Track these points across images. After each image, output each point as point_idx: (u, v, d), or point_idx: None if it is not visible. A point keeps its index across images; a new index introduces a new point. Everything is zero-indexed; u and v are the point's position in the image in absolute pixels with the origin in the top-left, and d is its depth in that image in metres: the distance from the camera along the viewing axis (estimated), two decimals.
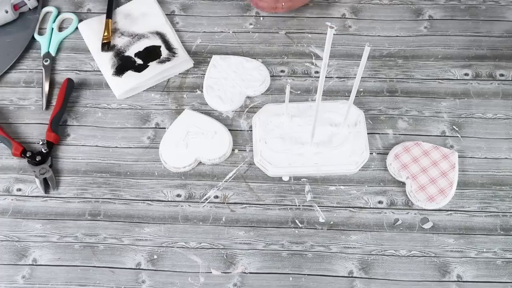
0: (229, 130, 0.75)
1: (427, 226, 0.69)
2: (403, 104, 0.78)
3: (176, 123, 0.75)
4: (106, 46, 0.81)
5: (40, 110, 0.79)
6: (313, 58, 0.82)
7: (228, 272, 0.67)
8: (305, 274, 0.67)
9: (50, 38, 0.84)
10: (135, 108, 0.78)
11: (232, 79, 0.79)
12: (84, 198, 0.72)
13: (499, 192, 0.71)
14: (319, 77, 0.62)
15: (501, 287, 0.66)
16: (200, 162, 0.74)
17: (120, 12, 0.86)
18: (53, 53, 0.83)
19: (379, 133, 0.76)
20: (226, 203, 0.72)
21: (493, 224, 0.69)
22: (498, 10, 0.85)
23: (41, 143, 0.74)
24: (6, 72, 0.82)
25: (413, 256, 0.68)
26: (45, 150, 0.74)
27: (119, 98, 0.79)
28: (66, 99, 0.78)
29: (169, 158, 0.73)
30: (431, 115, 0.77)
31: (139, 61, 0.80)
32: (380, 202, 0.71)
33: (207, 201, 0.72)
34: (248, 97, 0.79)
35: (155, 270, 0.68)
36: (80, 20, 0.85)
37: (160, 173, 0.73)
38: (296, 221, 0.70)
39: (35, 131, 0.77)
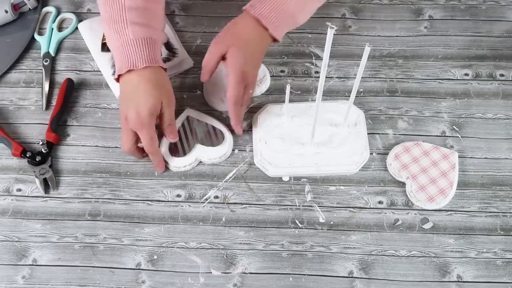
0: (229, 130, 0.75)
1: (427, 226, 0.69)
2: (403, 104, 0.78)
3: (176, 122, 0.75)
4: (106, 46, 0.81)
5: (40, 110, 0.79)
6: (313, 58, 0.82)
7: (228, 272, 0.67)
8: (305, 275, 0.67)
9: (50, 38, 0.84)
10: None
11: None
12: (84, 198, 0.72)
13: (499, 192, 0.71)
14: (319, 77, 0.62)
15: None
16: (201, 161, 0.74)
17: None
18: (53, 53, 0.82)
19: (379, 133, 0.76)
20: (226, 203, 0.71)
21: (493, 224, 0.69)
22: (498, 10, 0.85)
23: (41, 143, 0.74)
24: (6, 72, 0.81)
25: (413, 256, 0.68)
26: (45, 150, 0.74)
27: (119, 98, 0.79)
28: (66, 99, 0.77)
29: (170, 157, 0.73)
30: (431, 115, 0.77)
31: None
32: (380, 202, 0.71)
33: (207, 201, 0.72)
34: None
35: (155, 270, 0.68)
36: (80, 20, 0.85)
37: (160, 173, 0.73)
38: (296, 221, 0.70)
39: (35, 131, 0.77)
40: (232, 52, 0.67)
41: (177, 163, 0.73)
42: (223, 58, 0.69)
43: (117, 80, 0.68)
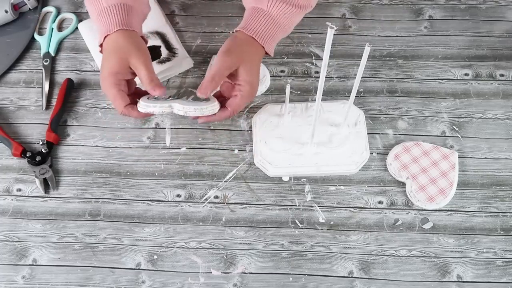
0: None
1: (427, 226, 0.69)
2: (403, 104, 0.78)
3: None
4: None
5: (40, 110, 0.79)
6: (313, 58, 0.82)
7: (228, 272, 0.67)
8: (305, 274, 0.67)
9: (50, 38, 0.84)
10: None
11: None
12: (84, 198, 0.72)
13: (499, 192, 0.71)
14: (319, 77, 0.62)
15: None
16: (173, 111, 0.65)
17: None
18: (52, 53, 0.82)
19: (379, 133, 0.76)
20: (226, 203, 0.71)
21: (493, 224, 0.69)
22: (498, 10, 0.85)
23: (41, 143, 0.74)
24: (6, 72, 0.81)
25: (413, 256, 0.68)
26: (45, 150, 0.74)
27: None
28: (66, 99, 0.77)
29: (144, 98, 0.67)
30: (431, 115, 0.77)
31: None
32: (380, 202, 0.71)
33: (207, 201, 0.72)
34: None
35: (155, 270, 0.68)
36: (80, 20, 0.85)
37: (160, 173, 0.73)
38: (296, 221, 0.70)
39: (35, 131, 0.77)
40: (247, 68, 0.66)
41: (148, 102, 0.65)
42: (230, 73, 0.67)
43: (101, 51, 0.68)
